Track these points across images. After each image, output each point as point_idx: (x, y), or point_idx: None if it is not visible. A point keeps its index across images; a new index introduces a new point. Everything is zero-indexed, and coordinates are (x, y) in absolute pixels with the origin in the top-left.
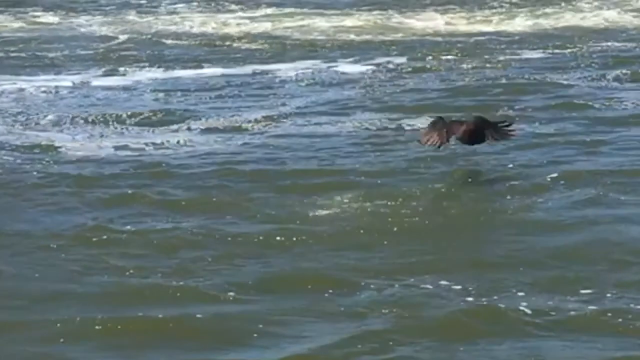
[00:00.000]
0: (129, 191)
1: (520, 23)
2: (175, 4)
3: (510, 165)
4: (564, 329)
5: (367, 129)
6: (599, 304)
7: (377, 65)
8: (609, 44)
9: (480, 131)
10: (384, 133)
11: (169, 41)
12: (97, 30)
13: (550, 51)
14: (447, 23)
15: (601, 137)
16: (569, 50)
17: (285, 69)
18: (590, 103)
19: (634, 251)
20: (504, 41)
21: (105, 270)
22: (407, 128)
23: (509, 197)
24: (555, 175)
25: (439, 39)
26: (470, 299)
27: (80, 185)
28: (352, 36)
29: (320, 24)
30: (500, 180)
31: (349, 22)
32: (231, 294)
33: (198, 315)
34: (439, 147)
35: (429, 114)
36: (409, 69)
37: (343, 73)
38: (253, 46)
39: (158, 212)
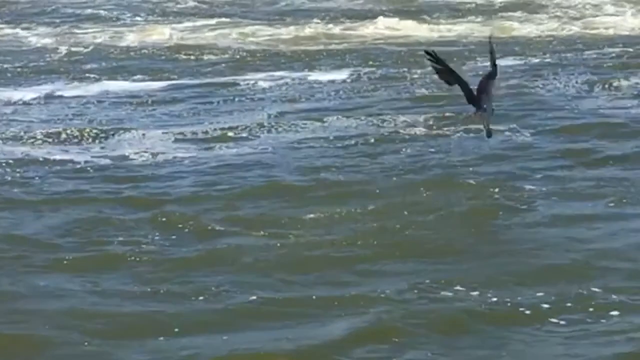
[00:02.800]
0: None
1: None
2: (135, 15)
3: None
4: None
5: (344, 137)
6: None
7: (348, 73)
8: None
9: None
10: (361, 140)
11: (132, 53)
12: (48, 42)
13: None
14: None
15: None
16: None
17: (253, 79)
18: (564, 110)
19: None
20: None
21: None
22: (386, 134)
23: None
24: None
25: (404, 48)
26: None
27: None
28: (315, 46)
29: (281, 33)
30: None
31: (309, 31)
32: (217, 317)
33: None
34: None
35: (406, 116)
36: (381, 76)
37: (313, 82)
38: (217, 57)
39: (133, 222)
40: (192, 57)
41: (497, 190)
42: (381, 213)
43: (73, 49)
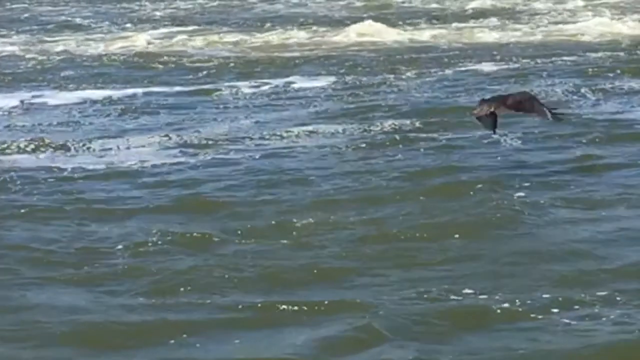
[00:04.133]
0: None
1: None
2: (111, 23)
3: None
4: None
5: (331, 144)
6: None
7: (328, 80)
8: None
9: (524, 104)
10: (347, 147)
11: (109, 60)
12: (24, 50)
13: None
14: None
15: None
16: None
17: (232, 86)
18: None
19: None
20: (465, 54)
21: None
22: (365, 144)
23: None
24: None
25: (381, 55)
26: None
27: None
28: (293, 53)
29: (257, 40)
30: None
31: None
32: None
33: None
34: (488, 115)
35: (389, 123)
36: (360, 84)
37: (295, 89)
38: (194, 65)
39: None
40: (171, 65)
41: (490, 193)
42: (372, 221)
43: (49, 57)
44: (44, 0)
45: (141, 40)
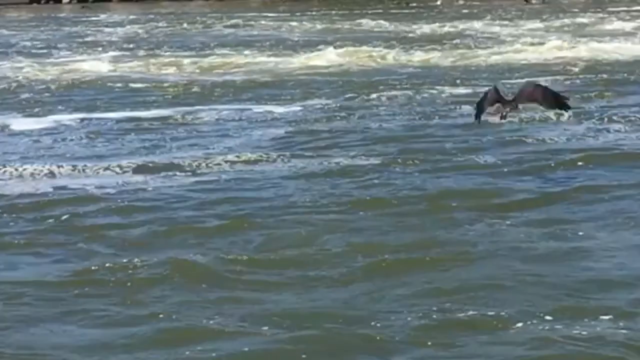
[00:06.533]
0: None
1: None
2: (70, 48)
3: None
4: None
5: (305, 167)
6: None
7: (301, 105)
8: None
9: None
10: (321, 170)
11: (85, 85)
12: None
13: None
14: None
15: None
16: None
17: (207, 111)
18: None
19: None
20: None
21: None
22: (342, 164)
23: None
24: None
25: (352, 78)
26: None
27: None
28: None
29: (220, 63)
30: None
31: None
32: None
33: None
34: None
35: (363, 148)
36: (335, 107)
37: (266, 113)
38: (159, 90)
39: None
40: (130, 89)
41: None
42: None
43: (9, 83)
44: None
45: (100, 64)
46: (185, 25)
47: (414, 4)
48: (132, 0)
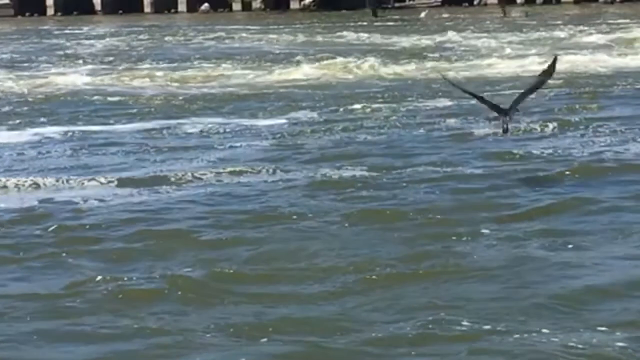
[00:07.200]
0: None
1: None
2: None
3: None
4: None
5: (291, 179)
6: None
7: (284, 118)
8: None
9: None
10: (307, 182)
11: (66, 98)
12: None
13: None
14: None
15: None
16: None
17: (190, 124)
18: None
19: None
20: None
21: None
22: (328, 177)
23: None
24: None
25: (330, 91)
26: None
27: None
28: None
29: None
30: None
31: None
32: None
33: None
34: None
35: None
36: (319, 120)
37: (248, 125)
38: (139, 102)
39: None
40: (110, 102)
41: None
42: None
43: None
44: None
45: (80, 77)
46: (167, 37)
47: (398, 16)
48: (116, 13)
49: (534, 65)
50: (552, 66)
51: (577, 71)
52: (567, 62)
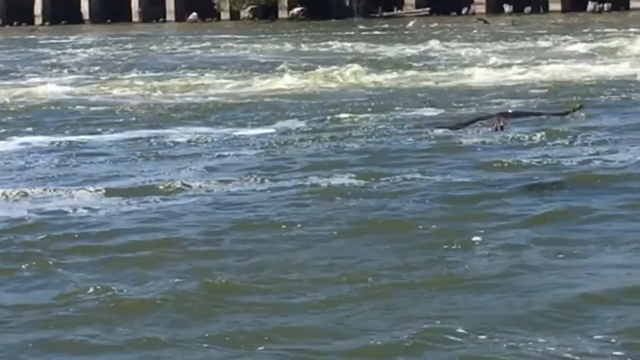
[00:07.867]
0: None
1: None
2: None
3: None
4: None
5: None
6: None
7: (271, 127)
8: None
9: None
10: (297, 191)
11: (50, 108)
12: None
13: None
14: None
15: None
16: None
17: (176, 133)
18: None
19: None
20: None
21: None
22: (317, 186)
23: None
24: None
25: (314, 101)
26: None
27: None
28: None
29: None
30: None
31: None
32: None
33: None
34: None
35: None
36: (307, 129)
37: (235, 135)
38: (125, 111)
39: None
40: (96, 111)
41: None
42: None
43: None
44: None
45: (65, 87)
46: (153, 47)
47: (386, 26)
48: (104, 22)
49: (516, 75)
50: (572, 111)
51: (561, 80)
52: (549, 72)
